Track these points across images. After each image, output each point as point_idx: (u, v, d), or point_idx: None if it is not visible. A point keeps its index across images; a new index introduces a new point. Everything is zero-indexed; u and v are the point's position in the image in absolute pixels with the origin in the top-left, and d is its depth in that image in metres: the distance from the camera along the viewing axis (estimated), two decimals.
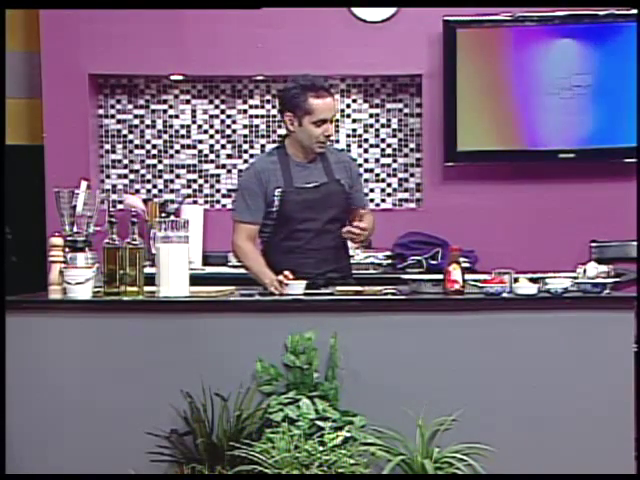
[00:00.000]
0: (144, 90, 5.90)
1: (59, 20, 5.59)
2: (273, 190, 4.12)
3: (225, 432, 3.40)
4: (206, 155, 5.91)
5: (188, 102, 5.90)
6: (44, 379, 3.58)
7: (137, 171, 5.93)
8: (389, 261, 5.41)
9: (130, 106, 5.89)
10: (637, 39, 5.30)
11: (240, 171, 5.87)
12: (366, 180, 5.74)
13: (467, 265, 4.62)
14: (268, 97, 5.82)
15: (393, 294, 3.85)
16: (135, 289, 3.67)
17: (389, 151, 5.88)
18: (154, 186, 5.92)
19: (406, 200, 5.87)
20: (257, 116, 5.89)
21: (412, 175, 5.87)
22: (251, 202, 4.16)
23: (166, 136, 5.91)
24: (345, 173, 4.23)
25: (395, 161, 5.87)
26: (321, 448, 3.26)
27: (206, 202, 5.90)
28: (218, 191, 5.92)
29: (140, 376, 3.56)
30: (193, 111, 5.90)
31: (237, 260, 4.31)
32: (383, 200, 5.77)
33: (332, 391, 3.49)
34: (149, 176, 5.93)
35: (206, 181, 5.92)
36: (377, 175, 5.84)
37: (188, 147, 5.91)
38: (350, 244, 4.45)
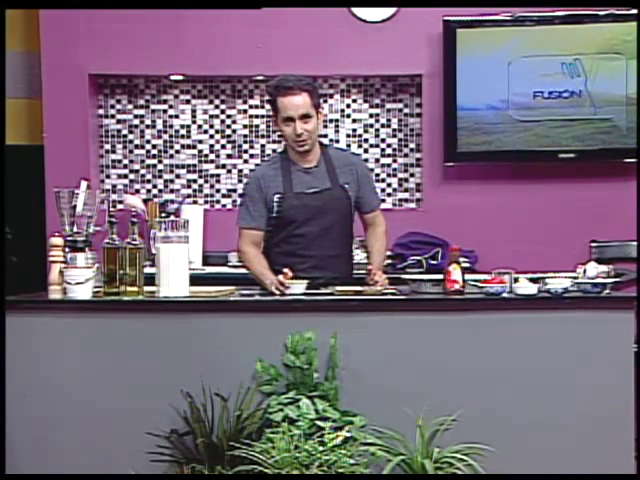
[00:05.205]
0: (144, 90, 5.90)
1: (59, 20, 5.59)
2: (273, 196, 4.13)
3: (225, 432, 3.40)
4: (206, 155, 5.91)
5: (188, 102, 5.90)
6: (44, 379, 3.58)
7: (137, 171, 5.93)
8: (389, 261, 5.40)
9: (130, 106, 5.89)
10: (637, 39, 5.31)
11: (240, 171, 5.88)
12: None
13: (467, 265, 4.62)
14: (268, 99, 5.81)
15: (393, 294, 3.85)
16: (135, 289, 3.67)
17: (389, 151, 5.88)
18: (154, 186, 5.92)
19: (406, 200, 5.87)
20: (257, 116, 5.89)
21: (412, 175, 5.87)
22: (253, 208, 4.16)
23: (166, 136, 5.91)
24: (351, 177, 4.20)
25: (395, 161, 5.87)
26: (321, 448, 3.26)
27: (206, 202, 5.90)
28: (218, 191, 5.92)
29: (140, 376, 3.56)
30: (193, 111, 5.90)
31: (242, 265, 4.31)
32: (383, 200, 5.76)
33: (332, 391, 3.49)
34: (149, 176, 5.93)
35: (206, 181, 5.92)
36: (377, 175, 5.84)
37: (188, 147, 5.91)
38: (357, 250, 4.47)
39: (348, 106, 5.87)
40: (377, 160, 5.87)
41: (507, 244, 5.46)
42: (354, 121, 5.87)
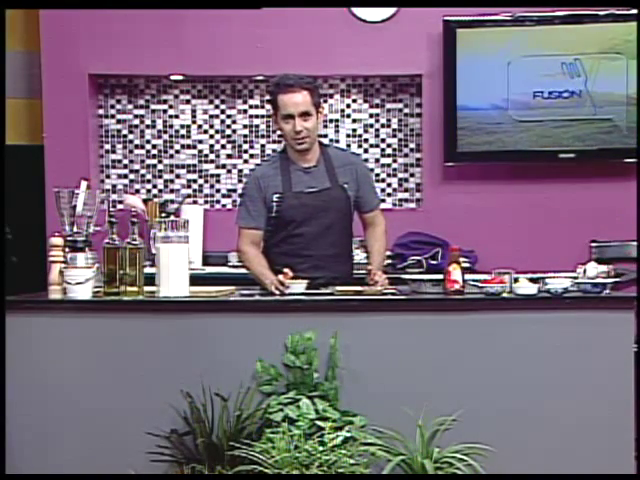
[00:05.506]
0: (144, 90, 5.90)
1: (59, 20, 5.59)
2: (272, 195, 4.13)
3: (225, 432, 3.40)
4: (206, 155, 5.91)
5: (188, 102, 5.90)
6: (44, 379, 3.58)
7: (137, 171, 5.93)
8: (389, 261, 5.40)
9: (130, 106, 5.89)
10: (637, 39, 5.31)
11: (240, 171, 5.88)
12: None
13: (467, 265, 4.62)
14: (268, 97, 5.81)
15: (393, 294, 3.85)
16: (135, 289, 3.67)
17: (389, 151, 5.88)
18: (154, 186, 5.92)
19: (406, 200, 5.87)
20: (257, 116, 5.89)
21: (412, 175, 5.87)
22: (252, 208, 4.16)
23: (166, 136, 5.91)
24: (350, 176, 4.20)
25: (395, 161, 5.87)
26: (321, 448, 3.26)
27: (206, 202, 5.90)
28: (218, 191, 5.92)
29: (140, 376, 3.56)
30: (193, 111, 5.90)
31: (242, 265, 4.31)
32: (383, 200, 5.76)
33: (332, 391, 3.49)
34: (149, 176, 5.93)
35: (206, 181, 5.92)
36: (377, 175, 5.84)
37: (188, 147, 5.91)
38: (356, 250, 4.47)
39: (348, 106, 5.87)
40: (377, 160, 5.87)
41: (507, 244, 5.46)
42: (354, 121, 5.87)
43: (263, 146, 5.89)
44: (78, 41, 5.62)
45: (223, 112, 5.90)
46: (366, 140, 5.87)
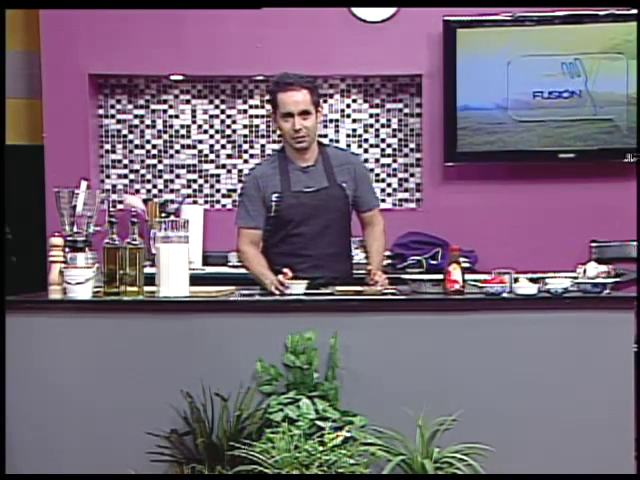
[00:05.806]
0: (144, 90, 5.90)
1: (59, 20, 5.59)
2: (271, 195, 4.13)
3: (225, 432, 3.40)
4: (206, 155, 5.91)
5: (188, 102, 5.90)
6: (44, 379, 3.58)
7: (137, 171, 5.93)
8: (389, 261, 5.40)
9: (130, 106, 5.90)
10: (637, 39, 5.31)
11: (240, 171, 5.88)
12: None
13: (467, 265, 4.62)
14: (268, 97, 5.81)
15: (393, 294, 3.85)
16: (135, 289, 3.67)
17: (389, 151, 5.88)
18: (154, 186, 5.92)
19: (406, 200, 5.87)
20: (257, 116, 5.89)
21: (412, 175, 5.87)
22: (251, 208, 4.16)
23: (166, 136, 5.91)
24: (348, 175, 4.20)
25: (395, 161, 5.87)
26: (321, 448, 3.25)
27: (206, 202, 5.91)
28: (218, 191, 5.92)
29: (140, 376, 3.56)
30: (193, 111, 5.90)
31: (241, 264, 4.31)
32: (383, 200, 5.76)
33: (332, 391, 3.49)
34: (149, 176, 5.93)
35: (206, 181, 5.92)
36: (377, 175, 5.84)
37: (188, 147, 5.91)
38: (356, 250, 4.48)
39: (348, 106, 5.87)
40: (377, 160, 5.87)
41: (507, 244, 5.46)
42: (354, 121, 5.87)
43: (263, 146, 5.89)
44: (78, 41, 5.63)
45: (223, 112, 5.90)
46: (366, 140, 5.88)
